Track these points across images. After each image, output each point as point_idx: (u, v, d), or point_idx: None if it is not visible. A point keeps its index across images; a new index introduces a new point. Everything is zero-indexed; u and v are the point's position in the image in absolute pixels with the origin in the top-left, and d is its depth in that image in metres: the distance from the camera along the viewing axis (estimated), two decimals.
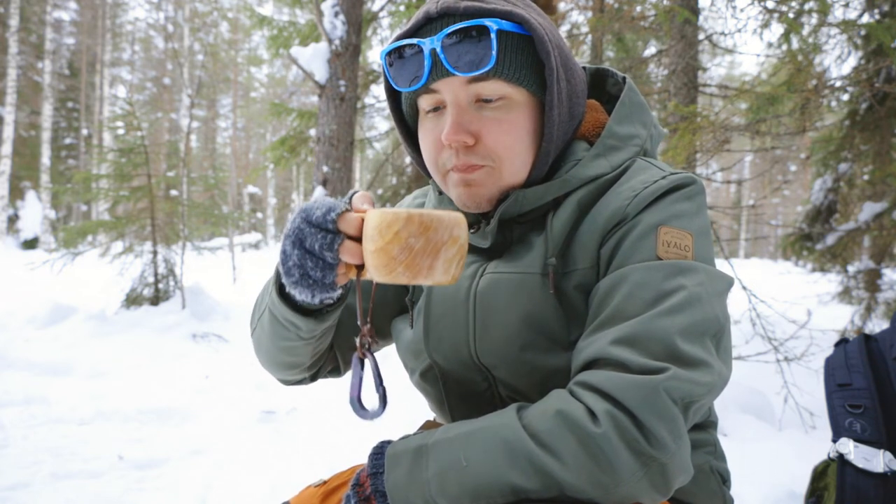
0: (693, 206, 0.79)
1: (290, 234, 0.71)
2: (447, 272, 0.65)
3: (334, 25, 5.02)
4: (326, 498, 0.93)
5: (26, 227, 18.99)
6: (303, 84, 17.38)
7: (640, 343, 0.68)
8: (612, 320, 0.71)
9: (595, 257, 0.79)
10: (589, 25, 3.78)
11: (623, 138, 0.86)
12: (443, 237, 0.64)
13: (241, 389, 3.71)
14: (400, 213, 0.63)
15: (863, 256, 5.56)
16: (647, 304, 0.70)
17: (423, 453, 0.70)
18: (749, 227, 25.03)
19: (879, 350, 1.23)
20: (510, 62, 0.78)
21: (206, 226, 7.17)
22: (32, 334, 5.09)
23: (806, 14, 3.22)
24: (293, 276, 0.71)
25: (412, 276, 0.64)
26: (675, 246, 0.74)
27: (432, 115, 0.83)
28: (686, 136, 2.66)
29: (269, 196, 30.94)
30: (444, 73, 0.78)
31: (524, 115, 0.81)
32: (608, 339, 0.70)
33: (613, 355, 0.68)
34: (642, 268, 0.73)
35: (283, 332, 0.86)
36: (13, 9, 17.87)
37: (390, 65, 0.81)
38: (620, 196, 0.80)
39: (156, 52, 28.75)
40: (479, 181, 0.81)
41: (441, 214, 0.64)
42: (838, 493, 1.10)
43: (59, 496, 2.16)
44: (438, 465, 0.69)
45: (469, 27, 0.75)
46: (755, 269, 14.38)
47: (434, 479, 0.68)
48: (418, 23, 0.80)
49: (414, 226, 0.62)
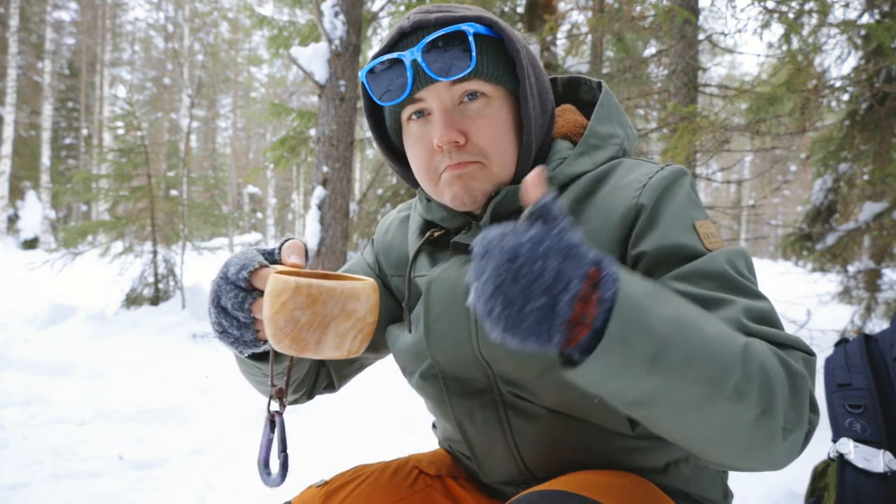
0: (697, 195, 0.85)
1: (211, 290, 0.71)
2: (339, 347, 0.61)
3: (334, 25, 5.02)
4: (328, 498, 0.93)
5: (26, 227, 18.99)
6: (303, 84, 17.37)
7: (769, 322, 0.71)
8: (718, 303, 0.71)
9: (616, 252, 0.80)
10: (589, 25, 3.78)
11: (604, 137, 0.91)
12: (332, 311, 0.60)
13: (241, 389, 3.71)
14: (289, 281, 0.60)
15: (863, 256, 5.56)
16: (737, 290, 0.73)
17: (659, 294, 0.61)
18: (749, 227, 25.03)
19: (879, 350, 1.23)
20: (487, 62, 0.82)
21: (206, 226, 7.17)
22: (32, 334, 5.10)
23: (806, 14, 3.22)
24: (216, 332, 0.73)
25: (299, 349, 0.61)
26: (712, 236, 0.80)
27: (417, 122, 0.85)
28: (686, 136, 2.66)
29: (269, 196, 30.95)
30: (427, 80, 0.81)
31: (504, 111, 0.85)
32: (740, 314, 0.69)
33: (762, 332, 0.68)
34: (707, 260, 0.75)
35: (249, 370, 0.87)
36: (13, 9, 17.87)
37: (372, 83, 0.84)
38: (628, 189, 0.82)
39: (156, 52, 28.76)
40: (471, 174, 0.84)
41: (333, 287, 0.60)
42: (838, 493, 1.10)
43: (59, 496, 2.16)
44: (677, 312, 0.60)
45: (447, 34, 0.79)
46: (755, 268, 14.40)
47: (671, 320, 0.58)
48: (393, 39, 0.84)
49: (301, 297, 0.59)
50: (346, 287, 0.60)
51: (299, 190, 27.40)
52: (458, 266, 0.90)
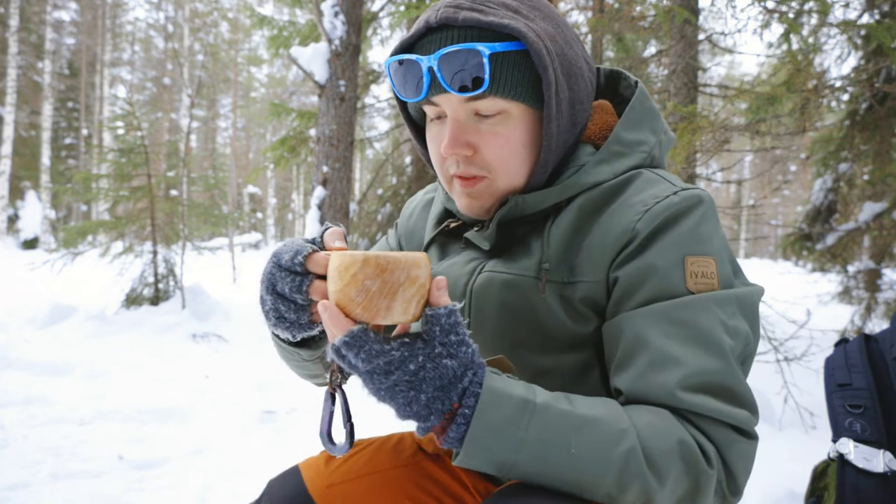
0: (711, 226, 0.79)
1: (264, 279, 0.74)
2: (406, 312, 0.65)
3: (334, 25, 5.02)
4: (329, 462, 0.99)
5: (26, 227, 18.98)
6: (303, 84, 17.37)
7: (719, 391, 0.70)
8: (669, 362, 0.71)
9: (605, 274, 0.79)
10: (589, 25, 3.78)
11: (629, 144, 0.87)
12: (399, 278, 0.64)
13: (241, 389, 3.71)
14: (357, 255, 0.64)
15: (863, 256, 5.56)
16: (697, 344, 0.71)
17: (528, 410, 0.65)
18: (749, 227, 25.02)
19: (879, 350, 1.23)
20: (505, 81, 0.79)
21: (206, 226, 7.16)
22: (32, 334, 5.09)
23: (806, 14, 3.22)
24: (271, 320, 0.75)
25: (370, 316, 0.65)
26: (702, 276, 0.75)
27: (436, 122, 0.86)
28: (686, 136, 2.66)
29: (269, 196, 30.94)
30: (441, 90, 0.80)
31: (521, 129, 0.82)
32: (676, 384, 0.70)
33: (696, 405, 0.69)
34: (679, 304, 0.73)
35: (289, 356, 0.89)
36: (13, 9, 17.86)
37: (394, 75, 0.83)
38: (631, 210, 0.80)
39: (156, 52, 28.75)
40: (477, 193, 0.85)
41: (398, 256, 0.64)
42: (838, 493, 1.10)
43: (59, 496, 2.16)
44: (541, 434, 0.64)
45: (461, 51, 0.76)
46: (755, 269, 14.39)
47: (532, 445, 0.64)
48: (419, 32, 0.82)
49: (370, 268, 0.63)
50: (408, 256, 0.65)
51: (299, 190, 27.39)
52: (462, 263, 0.92)
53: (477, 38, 0.78)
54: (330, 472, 0.97)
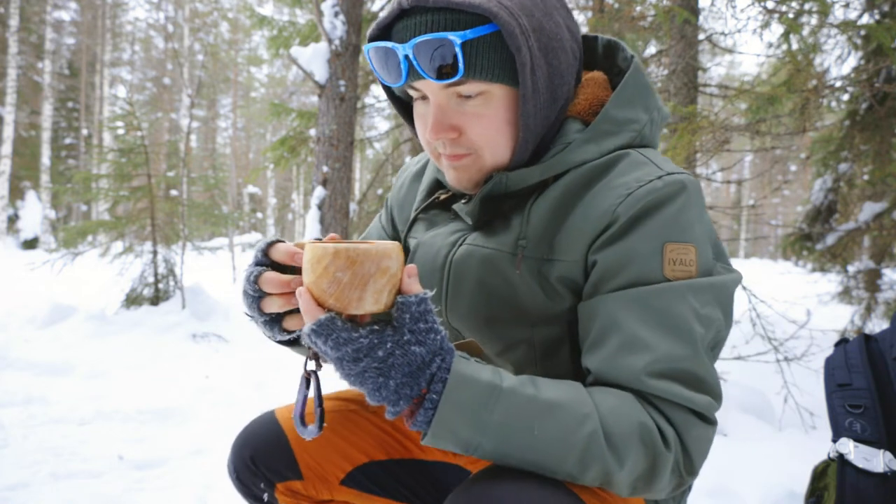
0: (693, 213, 0.79)
1: (243, 300, 0.79)
2: (378, 302, 0.67)
3: (334, 25, 5.02)
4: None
5: (26, 227, 18.98)
6: (303, 84, 17.37)
7: (684, 377, 0.73)
8: (638, 346, 0.73)
9: (583, 255, 0.80)
10: (589, 25, 3.78)
11: (620, 123, 0.86)
12: (370, 270, 0.66)
13: (241, 389, 3.71)
14: (328, 247, 0.66)
15: (863, 256, 5.56)
16: (667, 331, 0.73)
17: (494, 394, 0.68)
18: (749, 227, 25.02)
19: (879, 350, 1.23)
20: (481, 65, 0.78)
21: (206, 226, 7.16)
22: (32, 334, 5.09)
23: (806, 14, 3.22)
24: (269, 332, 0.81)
25: (342, 307, 0.67)
26: (680, 263, 0.76)
27: (421, 102, 0.87)
28: (686, 137, 2.66)
29: (269, 196, 30.93)
30: (419, 76, 0.80)
31: (503, 107, 0.82)
32: (642, 368, 0.72)
33: (660, 389, 0.72)
34: (654, 290, 0.75)
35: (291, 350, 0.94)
36: (13, 9, 17.86)
37: (374, 60, 0.84)
38: (613, 193, 0.80)
39: (156, 52, 28.74)
40: (465, 166, 0.86)
41: (369, 248, 0.66)
42: (838, 493, 1.10)
43: (59, 496, 2.16)
44: (505, 417, 0.67)
45: (433, 40, 0.76)
46: (755, 269, 14.38)
47: (496, 427, 0.67)
48: (392, 13, 0.82)
49: (341, 260, 0.65)
50: (378, 247, 0.67)
51: (299, 190, 27.38)
52: (446, 234, 0.95)
53: (449, 22, 0.77)
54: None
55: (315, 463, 1.02)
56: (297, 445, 1.02)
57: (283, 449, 1.01)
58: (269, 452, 1.01)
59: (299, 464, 1.01)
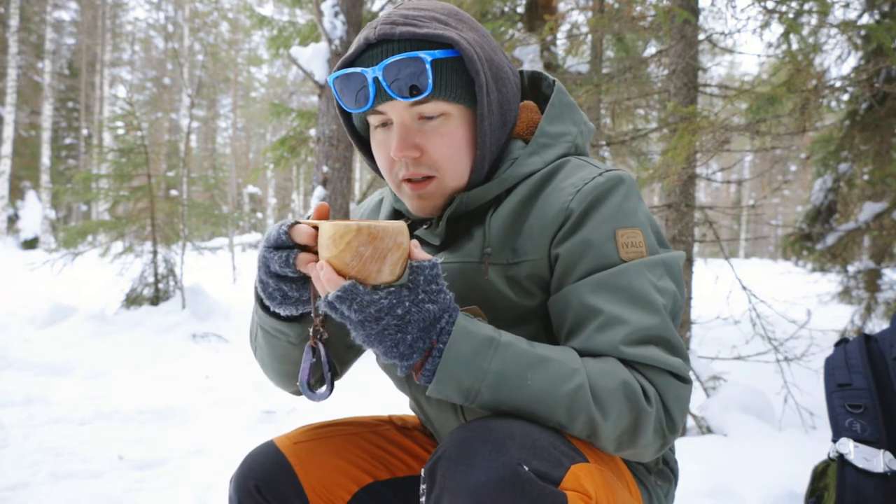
0: (634, 202, 0.89)
1: (259, 263, 0.82)
2: (392, 273, 0.74)
3: (334, 25, 5.02)
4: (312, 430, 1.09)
5: (26, 227, 18.99)
6: (303, 84, 17.36)
7: (658, 343, 0.81)
8: (612, 322, 0.81)
9: (546, 251, 0.88)
10: (589, 25, 3.78)
11: (554, 136, 0.96)
12: (388, 245, 0.73)
13: (241, 389, 3.71)
14: (350, 225, 0.72)
15: (863, 256, 5.56)
16: (635, 304, 0.81)
17: (493, 346, 0.76)
18: (749, 227, 25.02)
19: (879, 350, 1.23)
20: (446, 85, 0.87)
21: (206, 226, 7.16)
22: (32, 334, 5.10)
23: (806, 14, 3.22)
24: (276, 300, 0.83)
25: (363, 278, 0.73)
26: (632, 245, 0.85)
27: (381, 129, 0.93)
28: (686, 137, 2.66)
29: (269, 196, 30.94)
30: (387, 97, 0.87)
31: (462, 127, 0.91)
32: (620, 340, 0.80)
33: (638, 355, 0.79)
34: (615, 272, 0.83)
35: (276, 342, 0.95)
36: (13, 9, 17.86)
37: (339, 89, 0.90)
38: (563, 192, 0.89)
39: (156, 52, 28.75)
40: (428, 194, 0.92)
41: (386, 225, 0.73)
42: (838, 493, 1.10)
43: (59, 496, 2.16)
44: (502, 366, 0.75)
45: (405, 59, 0.84)
46: (755, 269, 14.38)
47: (493, 374, 0.75)
48: (359, 48, 0.89)
49: (363, 236, 0.71)
50: (394, 225, 0.74)
51: (299, 190, 27.39)
52: None
53: (416, 48, 0.86)
54: (297, 434, 1.07)
55: (321, 487, 1.03)
56: (302, 471, 1.02)
57: (288, 475, 1.02)
58: (273, 480, 1.01)
59: (305, 489, 1.02)
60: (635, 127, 5.62)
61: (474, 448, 0.70)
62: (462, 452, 0.71)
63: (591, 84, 3.74)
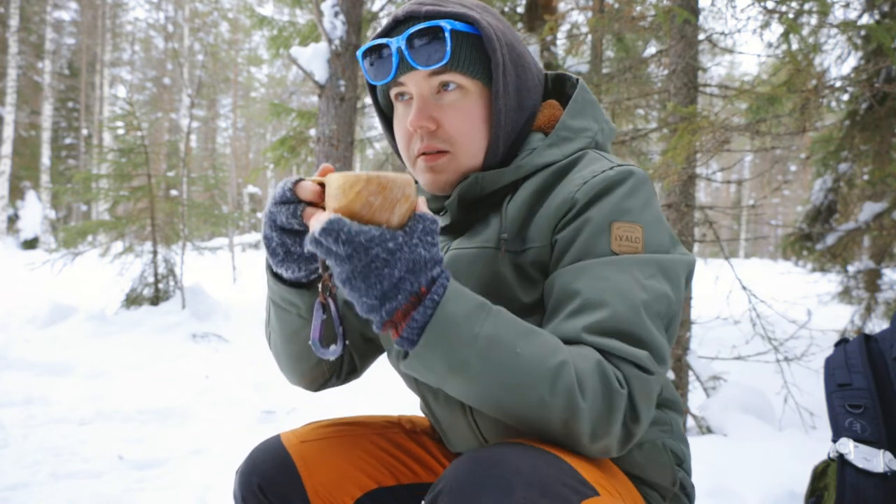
0: (641, 198, 0.87)
1: (266, 218, 0.83)
2: (401, 222, 0.74)
3: (334, 25, 5.02)
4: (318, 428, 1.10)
5: (26, 227, 18.99)
6: (303, 84, 17.36)
7: (623, 334, 0.78)
8: (585, 309, 0.79)
9: (549, 238, 0.88)
10: (589, 25, 3.78)
11: (575, 130, 0.97)
12: (397, 195, 0.72)
13: (241, 389, 3.71)
14: (360, 175, 0.72)
15: (863, 256, 5.56)
16: (612, 296, 0.79)
17: (485, 311, 0.74)
18: (749, 227, 25.01)
19: (879, 350, 1.23)
20: (463, 57, 0.89)
21: (206, 226, 7.16)
22: (32, 334, 5.10)
23: (806, 14, 3.22)
24: (278, 256, 0.84)
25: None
26: (626, 240, 0.83)
27: (402, 104, 0.95)
28: (686, 137, 2.66)
29: (269, 196, 30.92)
30: (408, 67, 0.89)
31: (478, 104, 0.92)
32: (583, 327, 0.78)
33: (598, 343, 0.77)
34: (601, 262, 0.82)
35: (286, 318, 0.95)
36: (13, 9, 17.86)
37: (366, 63, 0.93)
38: (571, 183, 0.89)
39: (156, 52, 28.75)
40: (441, 167, 0.93)
41: (395, 176, 0.73)
42: (838, 493, 1.10)
43: (59, 496, 2.16)
44: (493, 331, 0.73)
45: (427, 28, 0.87)
46: (755, 269, 14.38)
47: (483, 339, 0.72)
48: (388, 25, 0.92)
49: (373, 185, 0.71)
50: (402, 177, 0.74)
51: None
52: None
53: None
54: (305, 432, 1.07)
55: (324, 490, 1.02)
56: (306, 472, 1.02)
57: (292, 476, 1.02)
58: (277, 480, 1.01)
59: (308, 492, 1.02)
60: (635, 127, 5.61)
61: (478, 485, 0.67)
62: (465, 490, 0.67)
63: (592, 84, 3.74)
